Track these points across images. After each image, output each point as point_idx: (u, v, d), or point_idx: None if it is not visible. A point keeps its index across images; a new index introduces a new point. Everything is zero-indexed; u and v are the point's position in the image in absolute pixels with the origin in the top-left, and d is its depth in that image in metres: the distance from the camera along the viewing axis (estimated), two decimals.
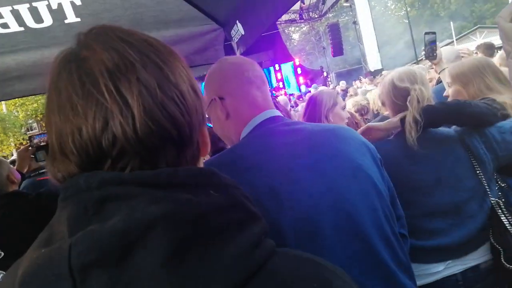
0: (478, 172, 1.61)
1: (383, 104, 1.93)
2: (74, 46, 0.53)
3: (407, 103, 1.63)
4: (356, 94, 7.36)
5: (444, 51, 2.73)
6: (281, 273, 0.48)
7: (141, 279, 0.41)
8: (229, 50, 2.89)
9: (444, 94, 2.09)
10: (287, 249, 0.54)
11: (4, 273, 1.13)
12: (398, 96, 1.74)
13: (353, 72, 23.94)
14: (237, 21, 2.48)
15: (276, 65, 19.41)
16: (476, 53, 6.08)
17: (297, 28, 34.39)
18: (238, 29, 2.50)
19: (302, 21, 20.59)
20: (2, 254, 1.13)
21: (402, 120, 1.62)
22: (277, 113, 1.12)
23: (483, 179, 1.60)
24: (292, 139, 1.00)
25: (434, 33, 2.38)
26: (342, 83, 13.71)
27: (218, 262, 0.44)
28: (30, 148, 2.51)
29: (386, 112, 3.03)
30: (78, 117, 0.48)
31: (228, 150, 1.06)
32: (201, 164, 0.61)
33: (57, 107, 0.50)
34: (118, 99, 0.48)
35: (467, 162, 1.62)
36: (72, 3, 2.30)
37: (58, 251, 0.43)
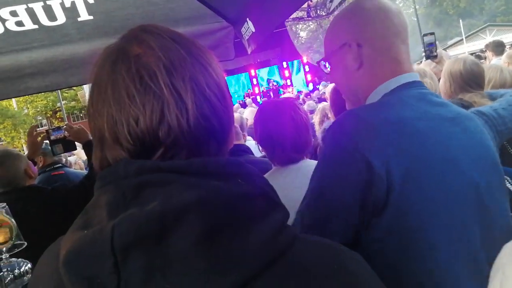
0: None
1: None
2: (123, 42, 0.57)
3: None
4: None
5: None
6: (302, 258, 0.51)
7: (176, 258, 0.45)
8: (240, 48, 2.91)
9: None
10: (308, 236, 0.57)
11: (29, 262, 1.18)
12: None
13: None
14: (247, 19, 2.50)
15: (284, 63, 19.39)
16: (485, 51, 6.04)
17: (304, 26, 34.31)
18: (249, 27, 2.53)
19: (309, 18, 20.49)
20: (26, 244, 1.17)
21: None
22: (418, 77, 1.02)
23: None
24: (445, 114, 0.94)
25: (432, 33, 2.41)
26: None
27: (245, 246, 0.47)
28: (36, 131, 2.49)
29: None
30: (135, 107, 0.51)
31: (382, 105, 0.95)
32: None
33: (112, 97, 0.53)
34: (174, 94, 0.52)
35: None
36: (85, 1, 2.34)
37: (101, 232, 0.46)
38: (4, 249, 1.11)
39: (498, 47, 4.66)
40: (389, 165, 0.81)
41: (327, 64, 1.09)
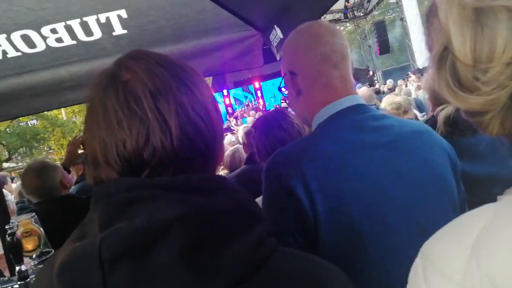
0: None
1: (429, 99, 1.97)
2: (115, 68, 0.61)
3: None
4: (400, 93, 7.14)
5: None
6: (279, 269, 0.53)
7: (160, 270, 0.48)
8: (269, 54, 2.93)
9: None
10: (288, 248, 0.59)
11: None
12: (437, 93, 1.71)
13: (401, 70, 23.19)
14: (275, 26, 2.52)
15: None
16: None
17: (342, 27, 33.90)
18: (277, 34, 2.54)
19: (347, 20, 20.25)
20: (53, 251, 1.24)
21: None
22: (360, 100, 1.00)
23: None
24: (381, 140, 0.92)
25: None
26: (390, 82, 13.36)
27: (225, 257, 0.50)
28: (80, 142, 2.60)
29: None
30: (123, 132, 0.55)
31: (311, 139, 0.97)
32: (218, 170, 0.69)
33: (103, 121, 0.57)
34: (159, 118, 0.55)
35: None
36: (119, 16, 2.45)
37: (90, 244, 0.50)
38: (34, 256, 1.18)
39: None
40: (313, 200, 0.83)
41: (283, 89, 1.13)
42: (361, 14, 19.95)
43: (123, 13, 2.44)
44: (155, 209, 0.51)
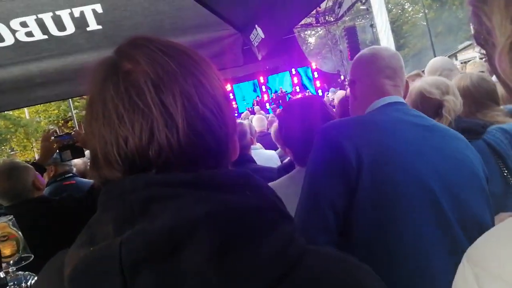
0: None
1: None
2: (115, 57, 0.55)
3: (444, 112, 1.64)
4: None
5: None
6: (313, 270, 0.50)
7: (187, 274, 0.43)
8: (250, 55, 2.90)
9: None
10: (317, 247, 0.56)
11: (35, 275, 1.16)
12: (427, 107, 1.69)
13: None
14: (256, 26, 2.50)
15: (293, 69, 19.39)
16: None
17: (313, 32, 34.37)
18: (258, 33, 2.52)
19: (318, 25, 20.55)
20: (33, 256, 1.16)
21: None
22: (403, 100, 1.25)
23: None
24: (419, 122, 1.13)
25: None
26: None
27: (256, 259, 0.46)
28: (54, 137, 2.47)
29: None
30: (124, 128, 0.50)
31: (362, 114, 1.24)
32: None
33: (102, 116, 0.52)
34: (163, 112, 0.50)
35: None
36: (94, 11, 2.36)
37: (108, 249, 0.45)
38: (11, 262, 1.09)
39: None
40: (358, 152, 1.01)
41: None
42: (332, 19, 20.29)
43: (98, 7, 2.35)
44: (179, 208, 0.47)
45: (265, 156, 3.17)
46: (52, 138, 2.36)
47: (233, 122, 0.60)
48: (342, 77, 20.38)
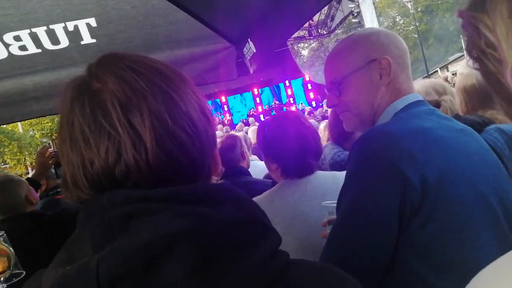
0: None
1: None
2: (85, 76, 0.54)
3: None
4: None
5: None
6: (297, 281, 0.50)
7: None
8: (242, 67, 2.92)
9: None
10: (300, 260, 0.55)
11: None
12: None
13: None
14: (249, 39, 2.51)
15: (287, 81, 19.50)
16: None
17: (306, 45, 34.69)
18: (250, 47, 2.53)
19: (311, 37, 20.78)
20: (24, 273, 1.14)
21: None
22: (421, 96, 1.11)
23: None
24: (454, 126, 1.01)
25: None
26: None
27: (239, 274, 0.46)
28: (49, 152, 2.45)
29: None
30: (90, 151, 0.49)
31: (402, 119, 1.01)
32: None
33: (69, 139, 0.51)
34: (131, 132, 0.49)
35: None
36: (88, 25, 2.36)
37: (86, 266, 0.44)
38: (1, 278, 1.07)
39: None
40: (423, 172, 0.86)
41: (338, 87, 1.12)
42: (325, 32, 20.52)
43: (92, 21, 2.35)
44: (158, 224, 0.46)
45: (260, 168, 3.17)
46: (48, 153, 2.35)
47: (211, 138, 0.58)
48: None
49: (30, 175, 2.47)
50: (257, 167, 3.03)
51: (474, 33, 0.44)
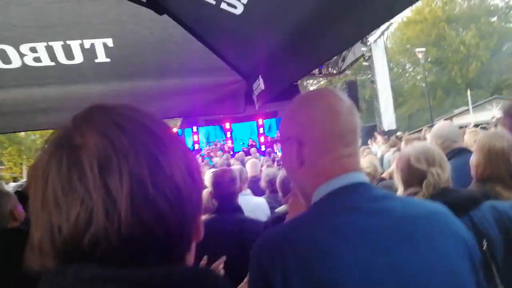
0: None
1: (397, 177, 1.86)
2: (69, 127, 0.51)
3: (423, 185, 1.59)
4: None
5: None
6: None
7: None
8: (250, 101, 2.94)
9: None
10: None
11: None
12: (413, 176, 1.68)
13: (368, 129, 24.06)
14: (260, 76, 2.54)
15: None
16: (496, 124, 6.07)
17: (315, 81, 35.17)
18: (259, 84, 2.56)
19: (320, 75, 21.05)
20: None
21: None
22: (364, 178, 0.95)
23: None
24: (377, 224, 0.83)
25: None
26: None
27: None
28: None
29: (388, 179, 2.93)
30: (60, 216, 0.46)
31: (299, 221, 0.90)
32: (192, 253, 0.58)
33: (41, 200, 0.48)
34: (106, 199, 0.45)
35: None
36: (105, 44, 2.40)
37: None
38: None
39: None
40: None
41: (280, 147, 1.07)
42: (335, 72, 20.82)
43: (109, 41, 2.39)
44: None
45: (253, 203, 3.14)
46: None
47: (196, 203, 0.54)
48: None
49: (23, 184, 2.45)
50: (249, 203, 2.99)
51: None
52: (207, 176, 4.23)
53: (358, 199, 0.88)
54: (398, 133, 14.29)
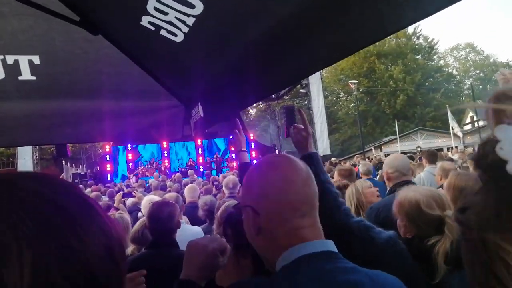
0: None
1: (398, 224, 1.73)
2: None
3: (446, 230, 1.52)
4: None
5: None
6: None
7: None
8: (187, 127, 2.86)
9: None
10: None
11: None
12: (427, 223, 1.58)
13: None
14: (199, 103, 2.49)
15: (231, 136, 19.67)
16: (420, 158, 6.57)
17: (254, 105, 35.77)
18: (198, 111, 2.51)
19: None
20: None
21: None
22: (331, 246, 0.93)
23: None
24: None
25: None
26: None
27: None
28: None
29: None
30: None
31: (267, 285, 0.87)
32: None
33: None
34: None
35: None
36: (30, 61, 2.22)
37: None
38: None
39: (431, 156, 5.23)
40: None
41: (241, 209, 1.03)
42: (274, 97, 21.36)
43: (36, 59, 2.22)
44: None
45: (189, 233, 3.02)
46: None
47: (117, 282, 0.47)
48: (276, 151, 21.02)
49: None
50: (185, 232, 2.87)
51: (497, 263, 0.44)
52: (144, 204, 3.98)
53: (330, 269, 0.87)
54: (333, 159, 14.87)
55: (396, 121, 28.31)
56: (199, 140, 18.97)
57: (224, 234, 1.35)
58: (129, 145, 18.32)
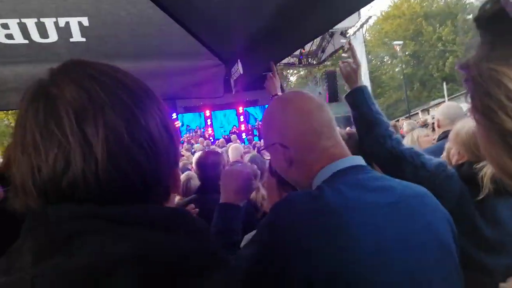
0: None
1: (452, 153, 1.84)
2: (46, 79, 0.53)
3: None
4: None
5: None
6: None
7: None
8: (227, 85, 2.93)
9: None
10: None
11: None
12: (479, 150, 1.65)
13: (346, 119, 24.31)
14: (239, 60, 2.54)
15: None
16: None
17: (295, 71, 35.25)
18: (238, 68, 2.56)
19: (300, 65, 21.11)
20: None
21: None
22: (360, 161, 1.00)
23: None
24: (382, 201, 0.89)
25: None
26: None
27: None
28: None
29: None
30: (39, 158, 0.48)
31: (317, 192, 0.90)
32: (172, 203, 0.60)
33: (21, 144, 0.49)
34: (83, 143, 0.47)
35: None
36: (80, 23, 2.34)
37: (19, 282, 0.42)
38: None
39: None
40: (310, 265, 0.77)
41: (266, 153, 1.11)
42: (315, 62, 20.91)
43: (84, 20, 2.33)
44: (100, 244, 0.44)
45: None
46: None
47: (172, 157, 0.56)
48: None
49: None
50: None
51: (492, 86, 0.44)
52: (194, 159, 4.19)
53: (363, 177, 0.94)
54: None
55: (444, 84, 26.97)
56: (240, 108, 19.11)
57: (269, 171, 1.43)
58: (174, 114, 18.79)
